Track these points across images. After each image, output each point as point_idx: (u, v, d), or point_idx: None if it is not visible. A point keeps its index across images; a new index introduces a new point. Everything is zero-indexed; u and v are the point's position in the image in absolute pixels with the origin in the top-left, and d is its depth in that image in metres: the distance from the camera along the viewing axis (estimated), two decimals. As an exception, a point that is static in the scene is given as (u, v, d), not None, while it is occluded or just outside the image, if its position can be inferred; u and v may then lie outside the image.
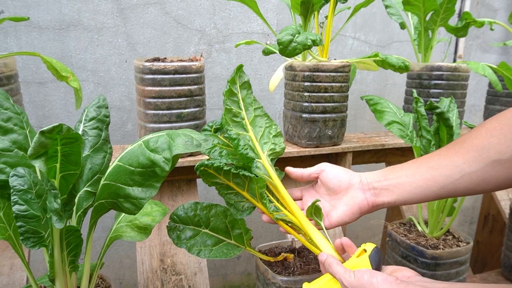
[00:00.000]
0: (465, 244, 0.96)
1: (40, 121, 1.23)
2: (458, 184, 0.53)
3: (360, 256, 0.54)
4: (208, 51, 1.39)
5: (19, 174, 0.51)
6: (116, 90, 1.29)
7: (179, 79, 0.89)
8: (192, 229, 0.74)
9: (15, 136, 0.59)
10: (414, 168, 0.57)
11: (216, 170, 0.62)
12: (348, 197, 0.60)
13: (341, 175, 0.61)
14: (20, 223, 0.51)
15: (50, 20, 1.17)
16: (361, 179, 0.60)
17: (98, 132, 0.65)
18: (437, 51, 1.80)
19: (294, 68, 1.01)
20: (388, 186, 0.57)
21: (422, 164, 0.56)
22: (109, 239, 0.69)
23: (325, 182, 0.63)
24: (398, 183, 0.57)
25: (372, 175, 0.60)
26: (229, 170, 0.62)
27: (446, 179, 0.53)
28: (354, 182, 0.60)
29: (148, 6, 1.27)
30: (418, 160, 0.58)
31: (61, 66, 0.86)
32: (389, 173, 0.59)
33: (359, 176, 0.60)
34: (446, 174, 0.53)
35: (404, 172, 0.57)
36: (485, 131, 0.52)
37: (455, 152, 0.54)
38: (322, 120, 1.01)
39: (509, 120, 0.51)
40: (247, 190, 0.65)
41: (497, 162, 0.50)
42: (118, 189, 0.58)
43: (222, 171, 0.62)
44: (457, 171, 0.53)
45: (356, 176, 0.60)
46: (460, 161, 0.53)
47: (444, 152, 0.55)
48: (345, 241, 0.57)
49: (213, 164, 0.61)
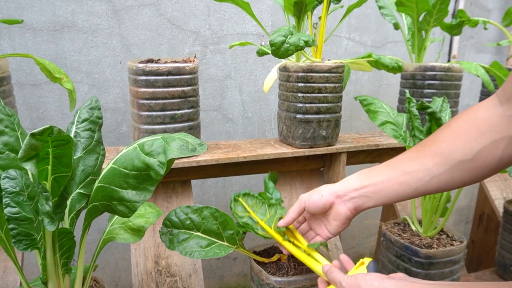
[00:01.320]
0: (459, 243, 0.96)
1: (34, 123, 1.23)
2: (428, 185, 0.57)
3: (358, 267, 0.61)
4: (203, 52, 1.39)
5: (11, 176, 0.51)
6: (110, 91, 1.29)
7: (172, 80, 0.89)
8: (184, 233, 0.75)
9: (6, 138, 0.59)
10: (389, 172, 0.61)
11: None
12: (334, 213, 0.67)
13: (319, 202, 0.67)
14: (12, 225, 0.51)
15: (44, 22, 1.17)
16: (338, 193, 0.65)
17: (91, 133, 0.65)
18: (431, 51, 1.80)
19: (288, 69, 1.02)
20: (366, 193, 0.63)
21: (396, 168, 0.60)
22: (102, 241, 0.69)
23: (311, 212, 0.70)
24: (375, 189, 0.61)
25: (348, 183, 0.65)
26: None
27: (418, 182, 0.58)
28: (333, 200, 0.66)
29: (142, 7, 1.27)
30: (392, 163, 0.62)
31: (54, 67, 0.86)
32: (365, 179, 0.63)
33: (335, 191, 0.65)
34: (418, 177, 0.57)
35: (379, 178, 0.61)
36: (451, 132, 0.56)
37: (424, 155, 0.58)
38: (316, 120, 1.02)
39: (473, 119, 0.54)
40: None
41: (462, 162, 0.54)
42: (112, 192, 0.59)
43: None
44: (427, 173, 0.57)
45: (333, 193, 0.66)
46: (429, 164, 0.56)
47: (415, 155, 0.59)
48: (343, 257, 0.67)
49: None
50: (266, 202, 0.82)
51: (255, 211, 0.81)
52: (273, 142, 1.14)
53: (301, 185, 1.18)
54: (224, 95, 1.46)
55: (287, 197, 1.15)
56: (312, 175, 1.21)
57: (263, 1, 1.44)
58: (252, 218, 0.80)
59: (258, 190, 1.61)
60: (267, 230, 0.78)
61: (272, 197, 0.83)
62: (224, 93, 1.46)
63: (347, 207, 0.64)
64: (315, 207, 0.67)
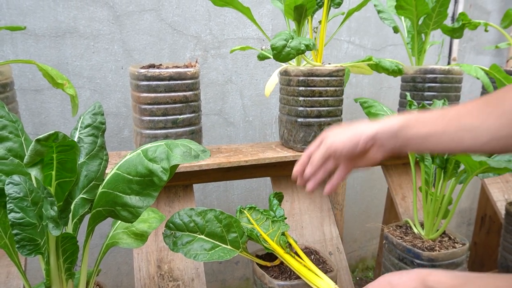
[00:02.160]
0: (461, 245, 0.96)
1: (37, 128, 1.23)
2: (485, 146, 0.52)
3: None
4: (204, 57, 1.40)
5: (15, 182, 0.51)
6: (112, 96, 1.30)
7: (174, 85, 0.90)
8: (187, 235, 0.75)
9: (10, 144, 0.60)
10: (442, 126, 0.54)
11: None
12: (365, 157, 0.60)
13: (354, 151, 0.59)
14: (16, 231, 0.51)
15: (46, 28, 1.18)
16: (377, 141, 0.58)
17: (94, 139, 0.66)
18: (432, 54, 1.81)
19: (289, 73, 1.02)
20: (408, 143, 0.56)
21: (451, 122, 0.54)
22: (105, 246, 0.70)
23: (339, 158, 0.62)
24: (421, 142, 0.55)
25: (391, 130, 0.57)
26: None
27: (474, 141, 0.52)
28: (369, 147, 0.59)
29: (143, 13, 1.28)
30: (447, 115, 0.55)
31: (56, 73, 0.86)
32: (411, 128, 0.56)
33: (373, 136, 0.58)
34: (475, 137, 0.52)
35: (429, 130, 0.54)
36: None
37: (488, 113, 0.51)
38: (317, 124, 1.02)
39: None
40: None
41: None
42: (115, 197, 0.59)
43: None
44: (488, 134, 0.51)
45: (371, 139, 0.58)
46: (493, 124, 0.50)
47: (476, 113, 0.52)
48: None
49: None
50: (270, 218, 0.83)
51: (259, 225, 0.82)
52: (275, 145, 1.14)
53: (303, 188, 1.18)
54: (225, 99, 1.46)
55: (288, 200, 1.15)
56: (314, 178, 1.21)
57: (264, 5, 1.45)
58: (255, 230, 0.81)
59: (259, 194, 1.62)
60: (270, 242, 0.79)
61: (275, 214, 0.84)
62: (225, 97, 1.46)
63: (382, 155, 0.58)
64: (347, 154, 0.59)
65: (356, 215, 1.89)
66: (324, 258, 0.88)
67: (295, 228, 1.11)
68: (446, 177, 0.94)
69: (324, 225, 1.15)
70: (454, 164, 0.91)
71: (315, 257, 0.89)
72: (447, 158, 0.91)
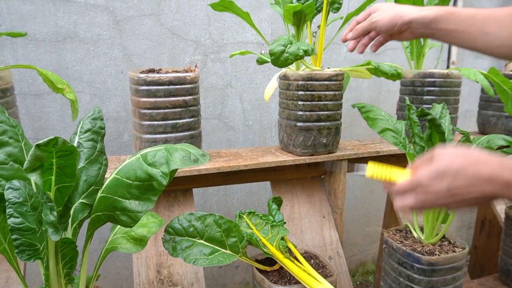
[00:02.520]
0: (461, 249, 0.96)
1: (37, 132, 1.23)
2: (495, 50, 0.64)
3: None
4: (204, 61, 1.40)
5: (14, 187, 0.52)
6: (112, 101, 1.30)
7: (173, 90, 0.90)
8: (187, 240, 0.75)
9: (10, 149, 0.60)
10: (466, 27, 0.65)
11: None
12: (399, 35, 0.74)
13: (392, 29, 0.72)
14: (15, 235, 0.51)
15: (47, 33, 1.18)
16: (411, 25, 0.69)
17: (93, 144, 0.66)
18: (431, 58, 1.82)
19: (288, 78, 1.03)
20: (436, 32, 0.68)
21: (474, 25, 0.64)
22: (104, 250, 0.70)
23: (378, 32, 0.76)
24: (447, 33, 0.67)
25: (424, 18, 0.68)
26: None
27: (486, 45, 0.64)
28: (404, 29, 0.71)
29: (143, 17, 1.29)
30: (475, 17, 0.65)
31: (56, 78, 0.87)
32: (443, 20, 0.66)
33: (409, 21, 0.69)
34: (489, 41, 0.63)
35: (457, 26, 0.65)
36: None
37: (507, 24, 0.62)
38: (317, 128, 1.02)
39: None
40: None
41: None
42: (115, 202, 0.59)
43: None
44: (499, 40, 0.62)
45: (406, 23, 0.70)
46: (506, 34, 0.61)
47: (499, 20, 0.63)
48: None
49: None
50: (269, 223, 0.83)
51: (258, 229, 0.83)
52: (274, 150, 1.15)
53: (302, 192, 1.18)
54: (225, 104, 1.47)
55: (288, 204, 1.15)
56: (314, 182, 1.21)
57: (263, 10, 1.45)
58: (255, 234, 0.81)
59: (259, 197, 1.62)
60: (269, 247, 0.80)
61: (275, 219, 0.84)
62: (225, 102, 1.46)
63: (413, 37, 0.72)
64: (385, 31, 0.73)
65: (356, 219, 1.89)
66: (324, 263, 0.87)
67: (295, 232, 1.11)
68: (445, 181, 0.94)
69: (324, 229, 1.15)
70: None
71: (315, 261, 0.89)
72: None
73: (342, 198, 1.14)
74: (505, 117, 1.36)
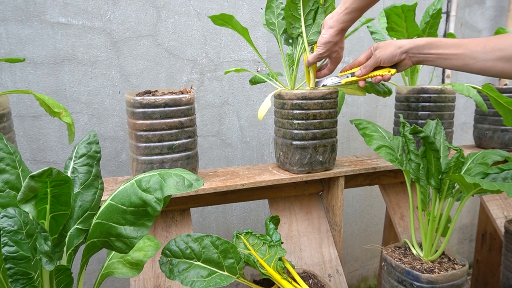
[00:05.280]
0: (461, 266, 0.95)
1: (35, 154, 1.24)
2: (474, 72, 0.77)
3: None
4: (200, 80, 1.42)
5: (10, 215, 0.52)
6: (110, 121, 1.31)
7: (169, 111, 0.91)
8: (184, 262, 0.75)
9: (7, 176, 0.60)
10: (451, 52, 0.79)
11: None
12: (399, 64, 0.89)
13: (392, 59, 0.87)
14: (9, 265, 0.51)
15: (45, 56, 1.20)
16: (409, 53, 0.85)
17: (89, 168, 0.66)
18: (426, 72, 1.84)
19: (283, 97, 1.04)
20: (430, 58, 0.82)
21: (458, 52, 0.78)
22: (100, 276, 0.69)
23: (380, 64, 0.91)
24: (439, 58, 0.81)
25: (418, 45, 0.83)
26: None
27: (467, 68, 0.77)
28: (403, 58, 0.87)
29: (140, 38, 1.31)
30: (460, 44, 0.78)
31: (53, 102, 0.87)
32: (434, 47, 0.81)
33: (406, 50, 0.85)
34: (469, 68, 0.77)
35: (442, 51, 0.80)
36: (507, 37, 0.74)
37: (480, 56, 0.74)
38: (313, 146, 1.03)
39: None
40: None
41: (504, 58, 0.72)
42: (110, 228, 0.59)
43: None
44: (477, 69, 0.76)
45: (404, 52, 0.86)
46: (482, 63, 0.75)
47: (475, 55, 0.75)
48: None
49: None
50: (267, 243, 0.83)
51: (256, 250, 0.82)
52: (271, 167, 1.15)
53: (300, 209, 1.18)
54: (222, 121, 1.47)
55: (286, 222, 1.15)
56: (311, 199, 1.21)
57: (258, 28, 1.47)
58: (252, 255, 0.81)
59: (258, 214, 1.61)
60: (267, 268, 0.79)
61: (272, 239, 0.84)
62: (222, 119, 1.47)
63: (412, 62, 0.86)
64: (388, 63, 0.88)
65: (356, 234, 1.87)
66: (322, 283, 0.87)
67: (293, 251, 1.11)
68: (441, 198, 0.94)
69: (322, 247, 1.14)
70: (449, 184, 0.92)
71: (313, 281, 0.88)
72: (442, 178, 0.91)
73: (340, 215, 1.14)
74: (501, 130, 1.37)
